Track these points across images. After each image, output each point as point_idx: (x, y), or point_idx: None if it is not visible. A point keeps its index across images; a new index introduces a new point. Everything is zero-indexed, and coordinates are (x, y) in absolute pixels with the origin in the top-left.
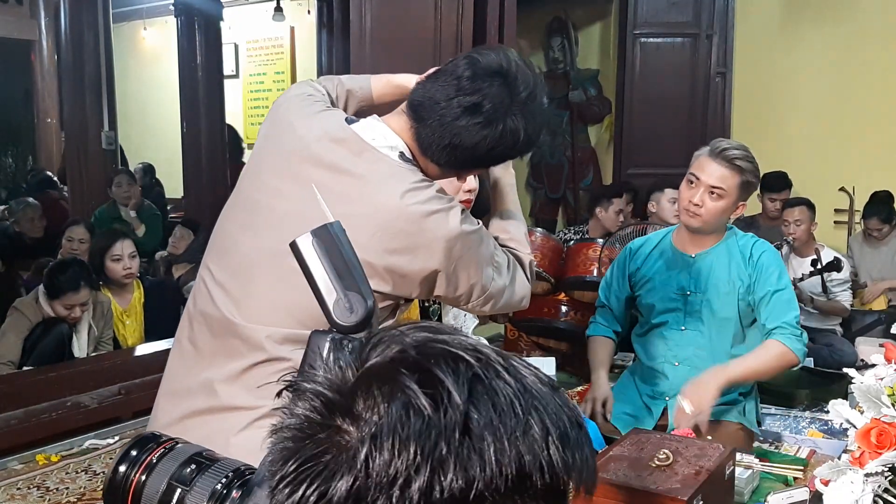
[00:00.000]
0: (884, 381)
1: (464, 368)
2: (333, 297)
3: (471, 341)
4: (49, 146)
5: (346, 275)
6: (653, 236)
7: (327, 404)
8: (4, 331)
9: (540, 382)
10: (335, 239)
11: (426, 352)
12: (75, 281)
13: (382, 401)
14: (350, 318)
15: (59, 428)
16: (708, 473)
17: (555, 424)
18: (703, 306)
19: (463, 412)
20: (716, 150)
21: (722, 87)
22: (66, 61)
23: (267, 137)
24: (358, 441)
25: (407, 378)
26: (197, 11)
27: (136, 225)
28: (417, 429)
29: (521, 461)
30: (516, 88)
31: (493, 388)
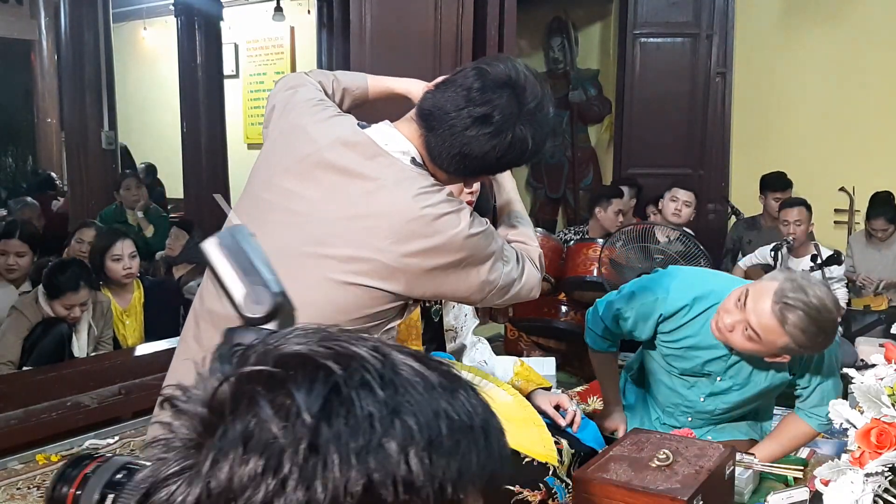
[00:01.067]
0: (884, 381)
1: (322, 379)
2: (241, 291)
3: (352, 348)
4: (49, 146)
5: (250, 270)
6: (695, 304)
7: (200, 421)
8: (4, 331)
9: (423, 385)
10: (239, 240)
11: (286, 363)
12: (75, 281)
13: (236, 416)
14: (258, 310)
15: (59, 428)
16: (708, 473)
17: (424, 433)
18: (730, 392)
19: (311, 427)
20: None
21: (722, 87)
22: (66, 61)
23: (277, 141)
24: (205, 456)
25: (261, 394)
26: (197, 11)
27: (145, 226)
28: (262, 443)
29: (371, 477)
30: (524, 99)
31: (350, 399)
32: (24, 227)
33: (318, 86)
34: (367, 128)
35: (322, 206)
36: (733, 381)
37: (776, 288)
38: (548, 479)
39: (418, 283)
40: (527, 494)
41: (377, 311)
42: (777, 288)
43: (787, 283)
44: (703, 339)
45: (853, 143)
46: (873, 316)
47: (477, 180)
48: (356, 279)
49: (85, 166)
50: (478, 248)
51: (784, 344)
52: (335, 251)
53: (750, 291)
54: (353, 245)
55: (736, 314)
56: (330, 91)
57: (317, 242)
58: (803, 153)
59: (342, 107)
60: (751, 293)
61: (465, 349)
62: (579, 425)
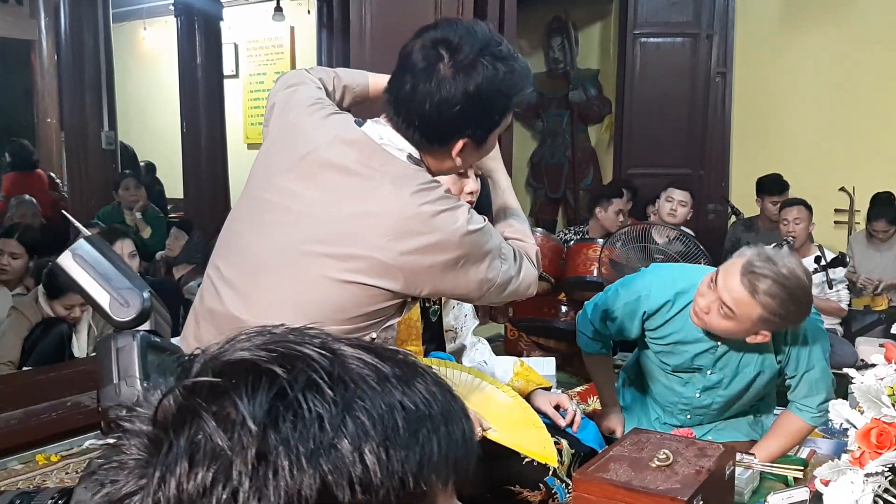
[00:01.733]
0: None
1: (266, 385)
2: (107, 298)
3: (298, 348)
4: (49, 146)
5: (113, 277)
6: (677, 299)
7: (147, 439)
8: (4, 331)
9: (376, 378)
10: (94, 249)
11: (228, 372)
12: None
13: (180, 431)
14: (128, 313)
15: (59, 428)
16: (708, 473)
17: (378, 428)
18: (721, 385)
19: (257, 435)
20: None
21: (722, 86)
22: (65, 61)
23: (276, 140)
24: (152, 474)
25: (202, 407)
26: (197, 11)
27: (142, 227)
28: (208, 456)
29: (325, 480)
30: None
31: (297, 401)
32: (25, 230)
33: (317, 83)
34: (363, 124)
35: (321, 204)
36: (723, 374)
37: (744, 262)
38: (548, 479)
39: (416, 280)
40: (527, 494)
41: (375, 310)
42: (745, 261)
43: (754, 255)
44: (688, 334)
45: (853, 143)
46: (873, 316)
47: (468, 151)
48: (354, 277)
49: (85, 166)
50: (476, 245)
51: (759, 316)
52: (333, 249)
53: (720, 270)
54: (351, 243)
55: (709, 295)
56: (331, 88)
57: (315, 241)
58: (803, 153)
59: (343, 104)
60: (721, 271)
61: (465, 349)
62: (579, 425)
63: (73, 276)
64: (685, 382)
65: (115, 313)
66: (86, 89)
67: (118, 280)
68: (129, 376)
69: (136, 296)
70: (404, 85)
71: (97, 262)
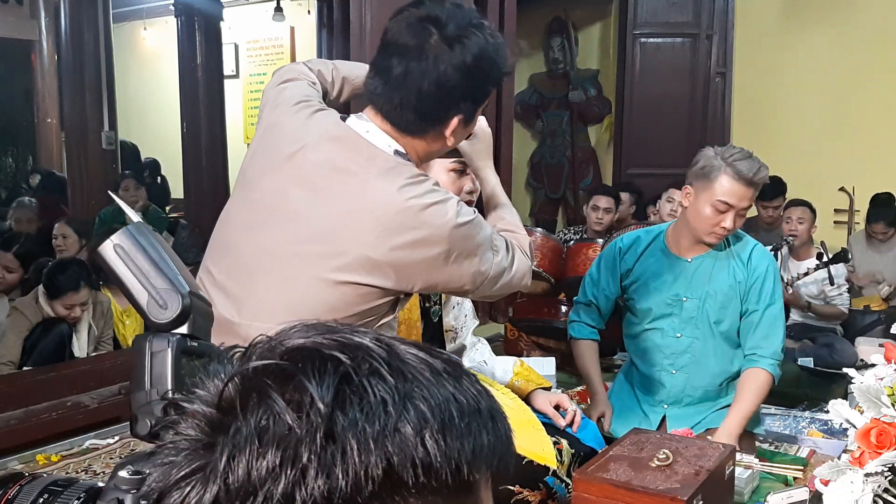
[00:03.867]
0: (883, 381)
1: (332, 370)
2: (145, 297)
3: (355, 339)
4: (49, 146)
5: (154, 273)
6: (643, 234)
7: (208, 422)
8: (4, 331)
9: (430, 371)
10: (139, 240)
11: (294, 357)
12: (75, 281)
13: (248, 413)
14: (165, 314)
15: (60, 428)
16: (708, 473)
17: (436, 416)
18: (699, 313)
19: (326, 416)
20: (745, 176)
21: (722, 87)
22: (66, 61)
23: (263, 139)
24: (219, 454)
25: (272, 388)
26: (197, 11)
27: None
28: (277, 436)
29: (390, 461)
30: (444, 23)
31: (363, 386)
32: (22, 242)
33: (312, 78)
34: (348, 119)
35: (309, 203)
36: (697, 298)
37: (735, 175)
38: (548, 479)
39: (408, 276)
40: (527, 494)
41: (368, 308)
42: (734, 174)
43: (737, 167)
44: (661, 263)
45: (853, 143)
46: (873, 316)
47: (456, 132)
48: (345, 276)
49: (85, 166)
50: (467, 238)
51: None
52: (323, 248)
53: (723, 198)
54: (341, 240)
55: (726, 214)
56: (329, 79)
57: (305, 240)
58: (803, 153)
59: (341, 96)
60: (724, 197)
61: (465, 349)
62: (579, 425)
63: (112, 268)
64: (664, 332)
65: (152, 314)
66: (86, 89)
67: (158, 278)
68: (160, 384)
69: (176, 297)
70: (393, 68)
71: (138, 255)
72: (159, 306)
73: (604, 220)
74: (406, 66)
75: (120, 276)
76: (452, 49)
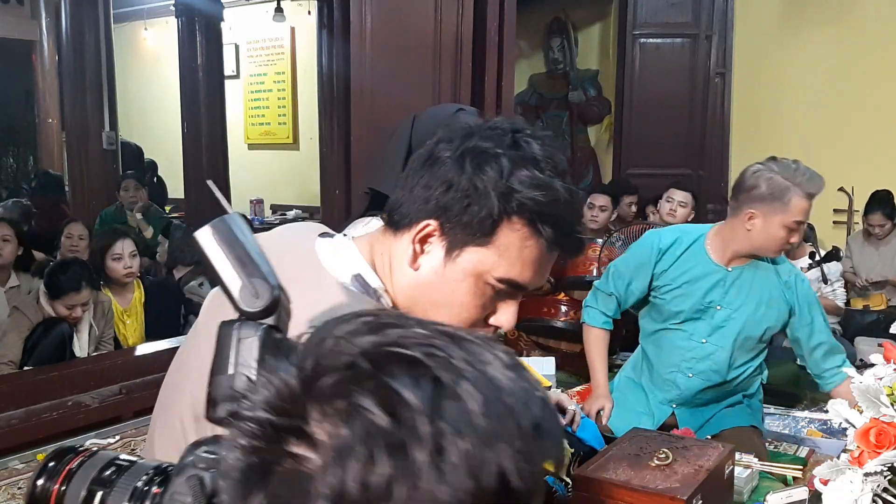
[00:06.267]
0: (883, 381)
1: (422, 374)
2: (238, 284)
3: (423, 332)
4: (50, 146)
5: (248, 262)
6: (682, 235)
7: (275, 428)
8: (6, 331)
9: (502, 365)
10: (235, 229)
11: (377, 359)
12: (76, 281)
13: (339, 422)
14: (256, 304)
15: (60, 427)
16: (707, 473)
17: (522, 422)
18: (729, 323)
19: (430, 424)
20: (815, 193)
21: (721, 87)
22: (66, 62)
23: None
24: (321, 469)
25: (362, 395)
26: (198, 12)
27: (144, 228)
28: (385, 447)
29: (500, 465)
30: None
31: (456, 393)
32: (17, 216)
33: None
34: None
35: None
36: (731, 308)
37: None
38: (547, 478)
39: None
40: None
41: None
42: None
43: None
44: (699, 269)
45: (852, 143)
46: (872, 316)
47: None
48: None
49: (86, 167)
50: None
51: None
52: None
53: (799, 218)
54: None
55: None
56: None
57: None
58: (802, 153)
59: None
60: (800, 217)
61: None
62: (579, 425)
63: (207, 254)
64: (690, 335)
65: (243, 301)
66: (87, 90)
67: (252, 268)
68: (246, 369)
69: (267, 288)
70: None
71: (235, 243)
72: (251, 295)
73: (599, 219)
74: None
75: (214, 261)
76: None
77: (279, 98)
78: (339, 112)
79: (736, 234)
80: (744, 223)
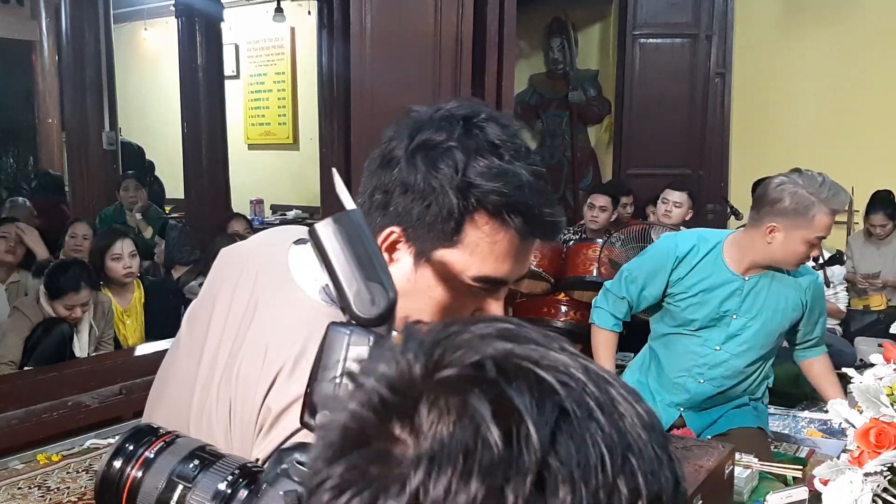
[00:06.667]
0: (883, 381)
1: (549, 400)
2: (354, 287)
3: (562, 359)
4: (50, 147)
5: (367, 264)
6: (701, 244)
7: (385, 404)
8: (6, 331)
9: (639, 423)
10: (356, 227)
11: (507, 369)
12: (76, 281)
13: (448, 419)
14: (372, 311)
15: (60, 428)
16: (707, 473)
17: (648, 486)
18: (745, 331)
19: (540, 458)
20: (839, 209)
21: (721, 87)
22: (66, 62)
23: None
24: (413, 460)
25: (479, 399)
26: (197, 12)
27: (143, 228)
28: (485, 464)
29: None
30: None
31: (580, 432)
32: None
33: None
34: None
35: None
36: (747, 317)
37: (829, 210)
38: None
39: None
40: None
41: None
42: (828, 209)
43: (830, 201)
44: (717, 277)
45: (852, 144)
46: (873, 316)
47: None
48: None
49: (86, 167)
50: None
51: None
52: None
53: (821, 233)
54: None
55: (803, 247)
56: None
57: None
58: (802, 153)
59: None
60: (822, 232)
61: None
62: None
63: (327, 249)
64: (704, 341)
65: (357, 306)
66: (87, 90)
67: (371, 270)
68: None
69: (384, 295)
70: None
71: (357, 242)
72: (368, 301)
73: (599, 219)
74: None
75: (332, 258)
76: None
77: (279, 98)
78: (339, 112)
79: (755, 245)
80: (764, 235)
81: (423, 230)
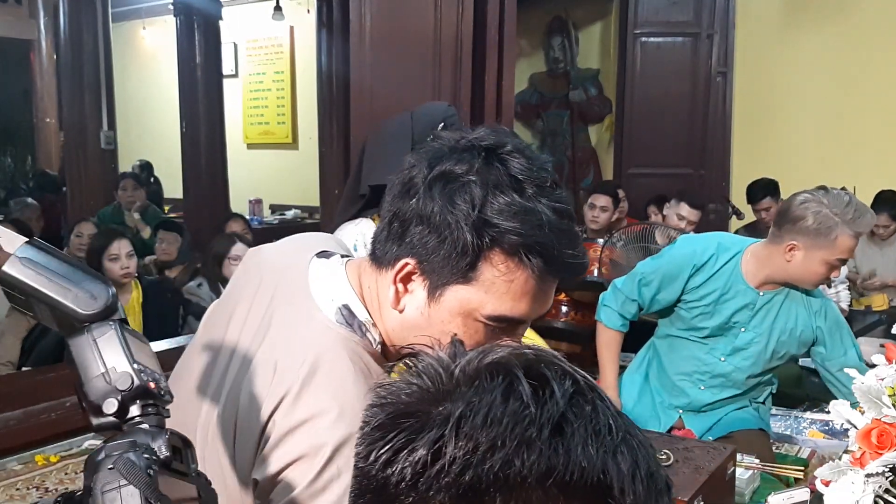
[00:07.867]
0: (884, 382)
1: (570, 381)
2: (70, 294)
3: (582, 372)
4: (48, 146)
5: (72, 274)
6: (720, 253)
7: (429, 390)
8: (3, 332)
9: (629, 425)
10: (41, 251)
11: (542, 358)
12: None
13: (487, 380)
14: (96, 304)
15: (59, 428)
16: (708, 474)
17: (645, 462)
18: (751, 346)
19: (561, 410)
20: (864, 232)
21: (723, 86)
22: (65, 61)
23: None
24: (453, 404)
25: (517, 368)
26: (196, 11)
27: (142, 228)
28: (513, 409)
29: (606, 475)
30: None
31: (594, 404)
32: (22, 226)
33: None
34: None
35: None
36: (756, 332)
37: (854, 233)
38: None
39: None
40: None
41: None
42: (853, 231)
43: (856, 224)
44: (732, 289)
45: (854, 143)
46: (874, 316)
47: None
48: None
49: (84, 166)
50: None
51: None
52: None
53: (843, 255)
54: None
55: (825, 269)
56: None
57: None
58: (804, 153)
59: None
60: (845, 255)
61: None
62: None
63: (25, 282)
64: (710, 349)
65: (82, 307)
66: (85, 89)
67: (79, 276)
68: (116, 361)
69: (102, 287)
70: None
71: (50, 262)
72: (88, 298)
73: (599, 219)
74: None
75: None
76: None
77: (278, 97)
78: (339, 112)
79: (773, 260)
80: (783, 252)
81: (438, 264)
